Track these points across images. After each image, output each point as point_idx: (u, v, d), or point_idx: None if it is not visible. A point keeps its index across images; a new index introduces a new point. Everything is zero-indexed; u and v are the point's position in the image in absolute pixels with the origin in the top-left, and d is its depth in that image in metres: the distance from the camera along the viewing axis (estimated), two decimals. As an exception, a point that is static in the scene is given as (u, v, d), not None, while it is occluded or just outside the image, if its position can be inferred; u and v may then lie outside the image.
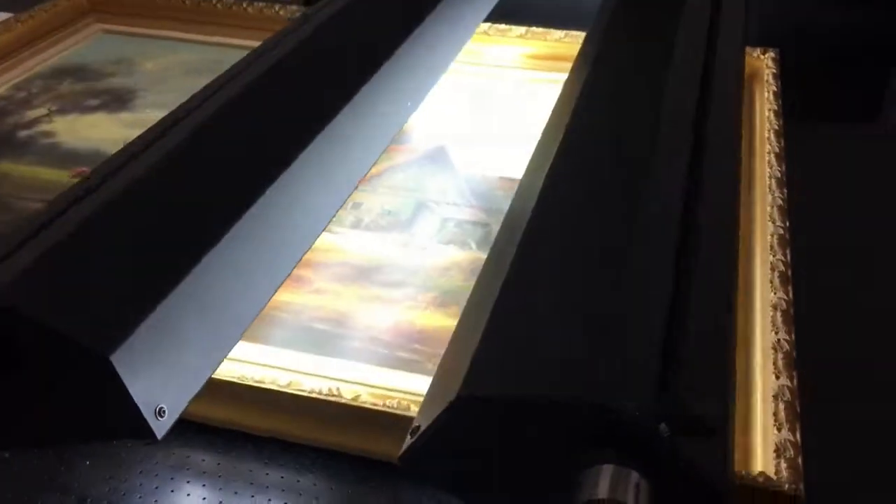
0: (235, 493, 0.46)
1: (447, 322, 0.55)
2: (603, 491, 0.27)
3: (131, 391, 0.30)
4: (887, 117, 0.87)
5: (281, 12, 0.95)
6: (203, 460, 0.47)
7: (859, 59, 0.92)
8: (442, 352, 0.33)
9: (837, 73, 0.89)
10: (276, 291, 0.38)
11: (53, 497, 0.44)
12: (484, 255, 0.59)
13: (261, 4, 0.95)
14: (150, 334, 0.31)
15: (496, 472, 0.29)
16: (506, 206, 0.45)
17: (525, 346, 0.30)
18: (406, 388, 0.48)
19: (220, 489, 0.46)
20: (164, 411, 0.32)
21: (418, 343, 0.54)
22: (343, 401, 0.47)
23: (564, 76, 0.55)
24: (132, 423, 0.31)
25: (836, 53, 0.93)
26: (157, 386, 0.31)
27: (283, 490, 0.46)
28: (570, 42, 0.84)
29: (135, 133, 0.62)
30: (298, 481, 0.46)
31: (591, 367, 0.28)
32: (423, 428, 0.29)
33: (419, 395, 0.45)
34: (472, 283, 0.39)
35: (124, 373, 0.30)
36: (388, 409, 0.46)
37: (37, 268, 0.31)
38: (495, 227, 0.66)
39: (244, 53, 0.58)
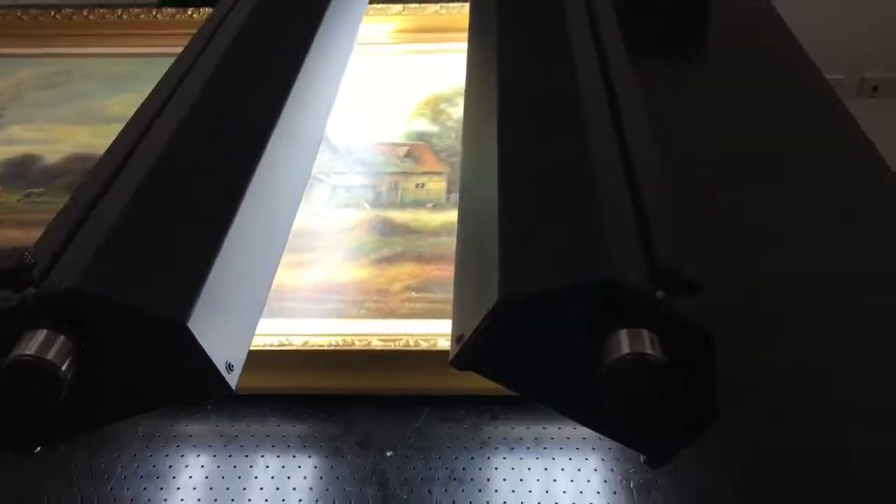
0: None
1: (361, 274, 0.64)
2: (625, 348, 0.34)
3: (208, 351, 0.34)
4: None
5: (124, 16, 0.95)
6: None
7: None
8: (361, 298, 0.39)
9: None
10: (282, 254, 0.42)
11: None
12: (378, 213, 0.68)
13: (102, 10, 0.95)
14: (210, 298, 0.34)
15: (535, 359, 0.35)
16: (387, 168, 0.51)
17: (538, 249, 0.36)
18: (339, 332, 0.58)
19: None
20: (232, 366, 0.35)
21: (339, 294, 0.63)
22: (294, 348, 0.56)
23: (436, 45, 0.62)
24: (209, 381, 0.34)
25: None
26: (223, 343, 0.35)
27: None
28: (445, 14, 0.90)
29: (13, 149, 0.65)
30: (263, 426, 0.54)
31: (596, 256, 0.35)
32: (467, 334, 0.35)
33: (351, 335, 0.57)
34: (374, 238, 0.46)
35: (200, 335, 0.33)
36: (332, 348, 0.56)
37: (99, 252, 0.33)
38: (382, 188, 0.74)
39: (89, 61, 0.61)
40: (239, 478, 0.51)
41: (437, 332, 0.57)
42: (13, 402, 0.33)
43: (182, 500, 0.50)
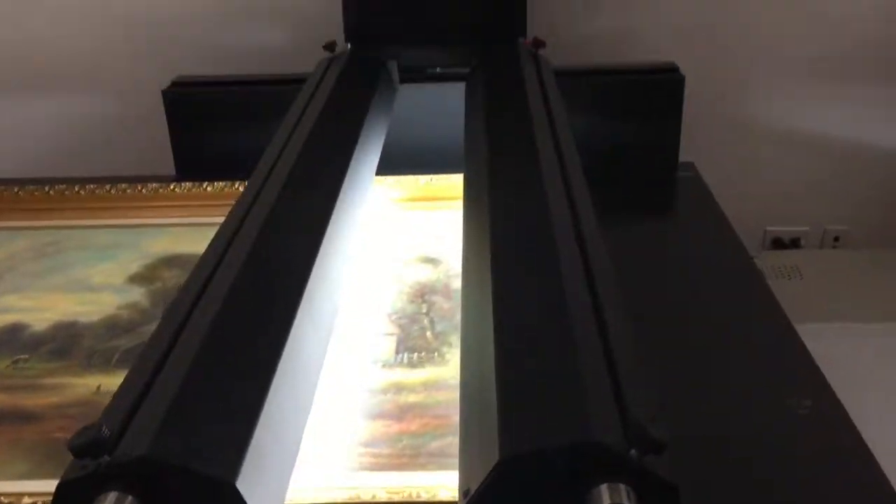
0: None
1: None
2: (606, 500, 0.40)
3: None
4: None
5: (112, 191, 1.02)
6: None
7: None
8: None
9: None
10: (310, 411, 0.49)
11: None
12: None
13: (92, 186, 1.02)
14: (254, 457, 0.40)
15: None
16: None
17: (531, 413, 0.42)
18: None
19: None
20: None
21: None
22: None
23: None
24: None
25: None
26: (264, 494, 0.40)
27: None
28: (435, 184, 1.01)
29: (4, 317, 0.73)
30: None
31: (581, 420, 0.42)
32: (473, 488, 0.41)
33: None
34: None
35: (247, 492, 0.39)
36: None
37: (162, 421, 0.39)
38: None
39: (79, 232, 0.71)
40: None
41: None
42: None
43: None
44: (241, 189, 0.99)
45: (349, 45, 1.07)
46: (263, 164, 0.76)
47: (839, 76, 1.26)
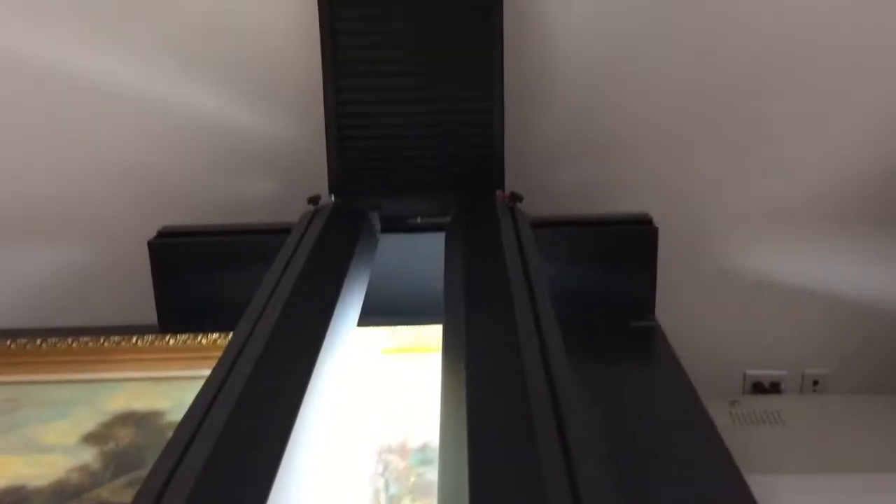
0: None
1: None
2: None
3: None
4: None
5: (74, 345, 1.03)
6: None
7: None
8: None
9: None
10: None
11: None
12: None
13: (54, 339, 1.03)
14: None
15: None
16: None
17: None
18: None
19: None
20: None
21: None
22: None
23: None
24: None
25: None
26: None
27: None
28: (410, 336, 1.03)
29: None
30: None
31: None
32: None
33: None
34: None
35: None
36: None
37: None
38: None
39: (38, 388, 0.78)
40: None
41: None
42: None
43: None
44: (215, 341, 1.01)
45: (333, 197, 1.11)
46: (248, 317, 0.77)
47: (816, 221, 1.29)
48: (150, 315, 1.16)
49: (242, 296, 0.84)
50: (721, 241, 1.30)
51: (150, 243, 1.12)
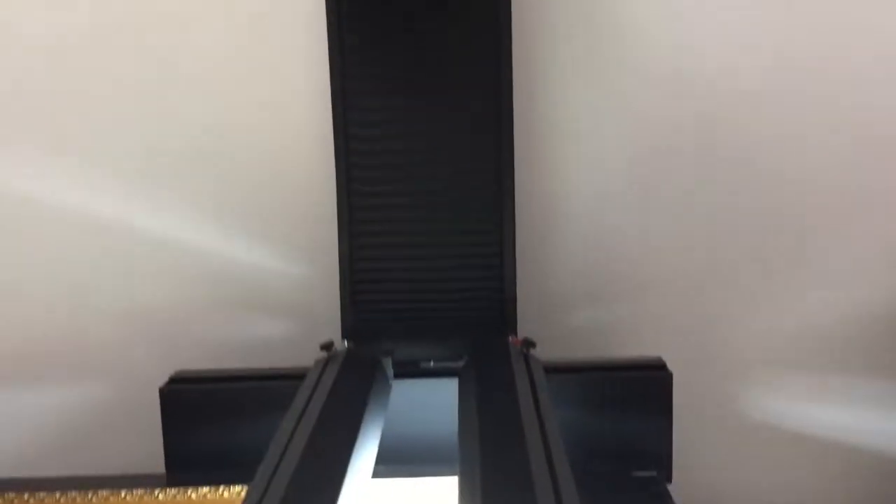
0: None
1: None
2: None
3: None
4: None
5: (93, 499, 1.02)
6: None
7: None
8: None
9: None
10: None
11: None
12: None
13: (73, 493, 1.01)
14: None
15: None
16: None
17: None
18: None
19: None
20: None
21: None
22: None
23: None
24: None
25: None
26: None
27: None
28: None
29: None
30: None
31: None
32: None
33: None
34: None
35: None
36: None
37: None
38: None
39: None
40: None
41: None
42: None
43: None
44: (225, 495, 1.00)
45: (346, 343, 1.11)
46: (263, 472, 0.77)
47: (840, 363, 1.28)
48: (158, 461, 1.14)
49: (256, 446, 0.84)
50: (736, 384, 1.29)
51: (161, 390, 1.12)
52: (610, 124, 1.21)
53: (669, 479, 1.09)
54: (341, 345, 1.12)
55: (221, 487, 1.01)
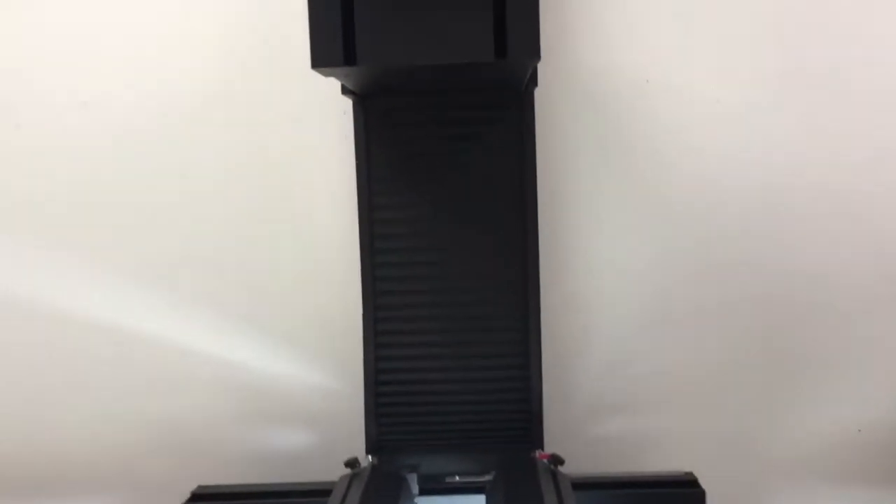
0: None
1: None
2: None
3: None
4: None
5: None
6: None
7: None
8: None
9: None
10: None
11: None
12: None
13: None
14: None
15: None
16: None
17: None
18: None
19: None
20: None
21: None
22: None
23: None
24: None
25: None
26: None
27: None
28: None
29: None
30: None
31: None
32: None
33: None
34: None
35: None
36: None
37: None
38: None
39: None
40: None
41: None
42: None
43: None
44: None
45: (370, 458, 1.10)
46: None
47: (882, 472, 1.25)
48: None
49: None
50: (767, 497, 1.26)
51: (183, 510, 1.11)
52: (634, 242, 1.22)
53: None
54: (365, 459, 1.10)
55: None
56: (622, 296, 1.23)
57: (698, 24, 1.18)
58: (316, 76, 0.86)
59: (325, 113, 1.20)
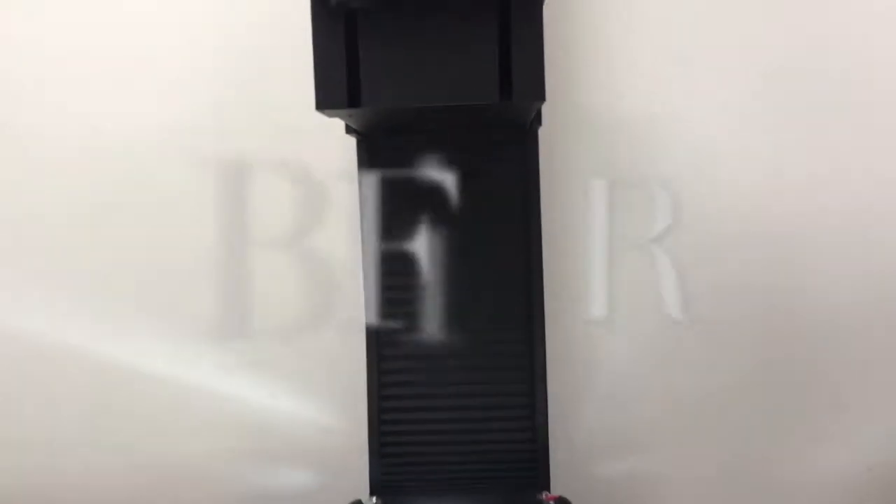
0: None
1: None
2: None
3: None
4: None
5: None
6: None
7: None
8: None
9: None
10: None
11: None
12: None
13: None
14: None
15: None
16: None
17: None
18: None
19: None
20: None
21: None
22: None
23: None
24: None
25: None
26: None
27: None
28: None
29: None
30: None
31: None
32: None
33: None
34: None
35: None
36: None
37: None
38: None
39: None
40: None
41: None
42: None
43: None
44: None
45: (374, 500, 1.08)
46: None
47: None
48: None
49: None
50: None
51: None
52: (640, 276, 1.21)
53: None
54: (369, 501, 1.09)
55: None
56: (624, 333, 1.22)
57: (698, 65, 1.19)
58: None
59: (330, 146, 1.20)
